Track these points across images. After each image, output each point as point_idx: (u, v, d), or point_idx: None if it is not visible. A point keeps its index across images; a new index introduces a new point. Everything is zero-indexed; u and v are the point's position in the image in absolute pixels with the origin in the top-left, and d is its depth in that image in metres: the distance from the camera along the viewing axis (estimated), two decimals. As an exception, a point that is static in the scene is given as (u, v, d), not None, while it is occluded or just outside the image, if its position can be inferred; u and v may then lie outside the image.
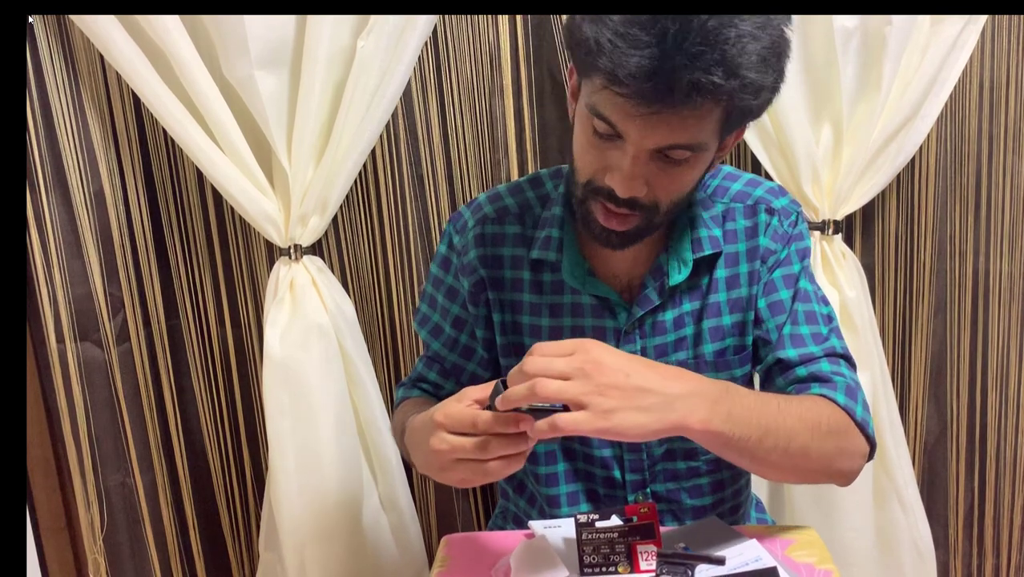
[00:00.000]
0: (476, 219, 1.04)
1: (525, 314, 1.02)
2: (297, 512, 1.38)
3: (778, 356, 0.98)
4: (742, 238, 1.00)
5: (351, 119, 1.31)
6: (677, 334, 1.00)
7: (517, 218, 1.03)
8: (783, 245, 1.00)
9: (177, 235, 1.45)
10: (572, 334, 1.00)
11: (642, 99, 0.77)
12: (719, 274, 0.99)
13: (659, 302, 0.98)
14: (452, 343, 1.08)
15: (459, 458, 0.77)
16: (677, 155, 0.83)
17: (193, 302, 1.49)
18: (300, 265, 1.38)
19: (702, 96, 0.76)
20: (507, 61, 1.42)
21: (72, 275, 1.40)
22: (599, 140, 0.85)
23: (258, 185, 1.33)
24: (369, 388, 1.43)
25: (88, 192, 1.39)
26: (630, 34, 0.75)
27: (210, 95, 1.28)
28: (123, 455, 1.48)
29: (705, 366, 1.00)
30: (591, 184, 0.88)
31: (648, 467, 1.03)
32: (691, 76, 0.74)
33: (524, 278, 1.02)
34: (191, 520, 1.55)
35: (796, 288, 1.00)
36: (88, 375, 1.43)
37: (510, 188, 1.06)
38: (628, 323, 0.99)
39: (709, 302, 1.00)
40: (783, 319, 0.99)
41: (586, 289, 0.98)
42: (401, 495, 1.47)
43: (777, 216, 1.00)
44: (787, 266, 1.01)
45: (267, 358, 1.35)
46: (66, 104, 1.36)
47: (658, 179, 0.85)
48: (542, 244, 1.00)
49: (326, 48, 1.28)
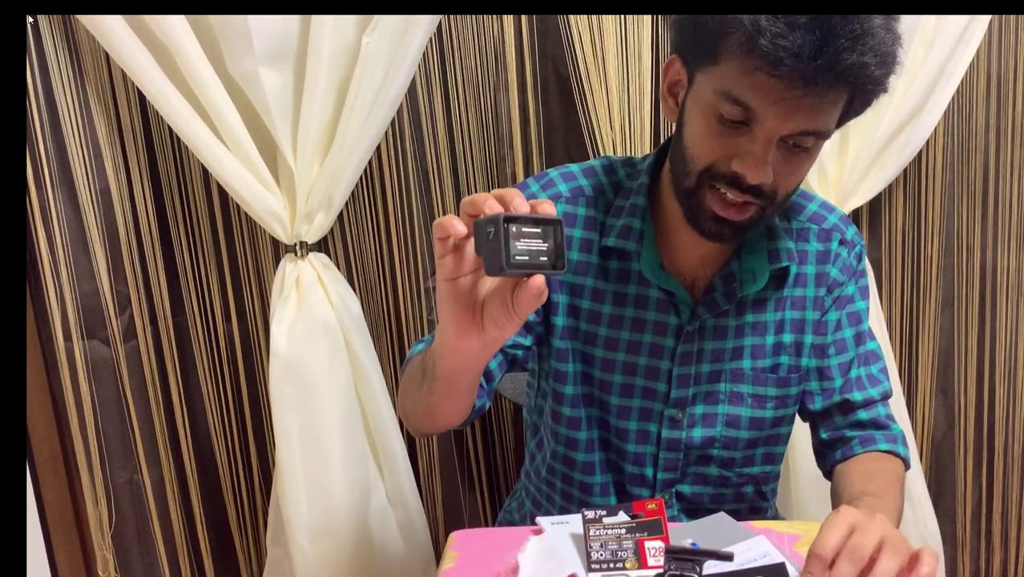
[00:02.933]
0: (549, 195, 1.01)
1: (586, 299, 1.01)
2: (304, 507, 1.38)
3: (845, 398, 1.02)
4: (812, 261, 1.01)
5: (356, 115, 1.30)
6: (736, 342, 1.00)
7: (591, 201, 1.01)
8: (849, 279, 1.02)
9: (183, 232, 1.45)
10: (632, 325, 1.00)
11: (798, 80, 0.78)
12: (787, 292, 1.00)
13: (726, 308, 0.98)
14: None
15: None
16: (804, 142, 0.85)
17: (199, 299, 1.49)
18: (306, 262, 1.38)
19: (854, 79, 0.79)
20: (511, 56, 1.42)
21: (79, 273, 1.40)
22: (724, 127, 0.85)
23: (263, 182, 1.33)
24: (375, 384, 1.43)
25: (94, 190, 1.39)
26: (788, 17, 0.77)
27: (215, 91, 1.28)
28: (131, 451, 1.48)
29: (757, 378, 1.01)
30: (711, 171, 0.87)
31: (682, 467, 1.04)
32: (851, 59, 0.77)
33: (592, 262, 1.00)
34: (198, 516, 1.55)
35: (859, 328, 1.03)
36: (95, 372, 1.43)
37: (583, 169, 1.04)
38: (692, 323, 0.98)
39: (774, 317, 1.00)
40: (847, 360, 1.02)
41: (659, 282, 0.97)
42: (407, 490, 1.47)
43: (847, 248, 1.02)
44: (851, 303, 1.03)
45: (273, 355, 1.35)
46: (72, 102, 1.36)
47: (781, 167, 0.86)
48: (620, 232, 0.98)
49: (330, 44, 1.28)
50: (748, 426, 1.02)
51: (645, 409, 1.02)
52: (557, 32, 1.39)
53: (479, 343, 0.73)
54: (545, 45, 1.42)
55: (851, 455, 1.01)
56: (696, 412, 1.02)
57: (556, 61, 1.42)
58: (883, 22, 0.80)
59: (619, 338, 1.00)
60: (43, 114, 1.35)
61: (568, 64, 1.39)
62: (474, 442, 1.57)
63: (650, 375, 1.01)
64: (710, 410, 1.02)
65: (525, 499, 1.16)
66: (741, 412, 1.02)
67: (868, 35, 0.78)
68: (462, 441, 1.57)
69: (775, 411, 1.03)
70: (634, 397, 1.02)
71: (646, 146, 1.40)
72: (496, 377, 1.01)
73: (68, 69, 1.35)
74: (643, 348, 1.00)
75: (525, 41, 1.41)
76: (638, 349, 1.00)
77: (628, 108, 1.39)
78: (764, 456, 1.06)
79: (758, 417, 1.02)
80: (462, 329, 0.72)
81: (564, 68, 1.41)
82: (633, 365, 1.01)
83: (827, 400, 1.03)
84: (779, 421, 1.04)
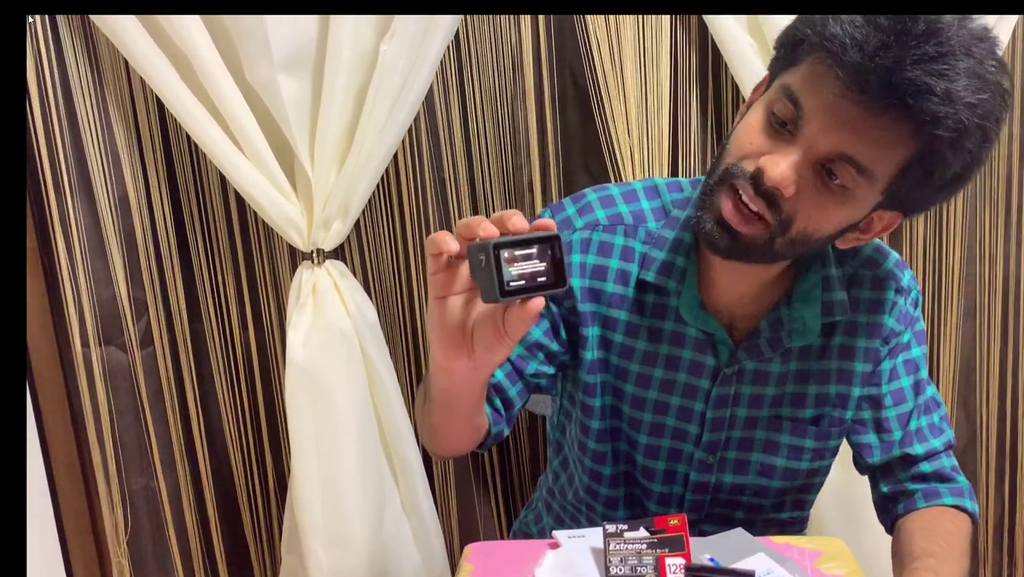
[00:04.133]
0: (585, 221, 0.96)
1: (619, 332, 0.95)
2: (319, 515, 1.37)
3: (905, 452, 0.96)
4: (864, 309, 0.95)
5: (373, 123, 1.30)
6: (778, 390, 0.96)
7: (631, 230, 0.95)
8: (906, 327, 0.97)
9: (200, 239, 1.46)
10: (667, 363, 0.95)
11: (853, 81, 0.73)
12: (836, 341, 0.95)
13: (771, 356, 0.93)
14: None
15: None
16: (841, 172, 0.78)
17: (216, 306, 1.49)
18: (323, 269, 1.37)
19: (913, 103, 0.72)
20: (529, 65, 1.41)
21: (96, 278, 1.41)
22: (770, 128, 0.80)
23: (281, 189, 1.33)
24: (391, 392, 1.42)
25: (112, 196, 1.40)
26: (871, 16, 0.74)
27: (232, 98, 1.28)
28: (147, 458, 1.48)
29: (796, 428, 0.97)
30: (735, 168, 0.81)
31: (708, 509, 1.00)
32: (912, 74, 0.72)
33: (628, 296, 0.95)
34: (214, 523, 1.55)
35: (917, 376, 0.98)
36: (112, 379, 1.44)
37: (624, 193, 0.98)
38: (730, 366, 0.94)
39: (819, 366, 0.95)
40: (906, 410, 0.97)
41: (697, 324, 0.92)
42: (422, 500, 1.46)
43: (903, 296, 0.96)
44: (907, 351, 0.97)
45: (289, 362, 1.35)
46: (91, 108, 1.37)
47: (807, 195, 0.80)
48: (661, 268, 0.92)
49: (348, 51, 1.28)
50: (782, 476, 0.99)
51: (675, 450, 0.98)
52: (575, 41, 1.39)
53: (469, 365, 0.71)
54: (563, 54, 1.41)
55: (914, 508, 0.95)
56: (728, 457, 0.98)
57: (574, 70, 1.41)
58: (973, 65, 0.73)
59: (652, 376, 0.96)
60: (63, 120, 1.35)
61: (586, 73, 1.39)
62: (489, 452, 1.56)
63: (682, 416, 0.97)
64: (743, 456, 0.98)
65: (544, 514, 1.14)
66: (776, 461, 0.98)
67: (944, 60, 0.72)
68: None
69: (811, 463, 0.99)
70: (664, 437, 0.98)
71: (664, 156, 1.39)
72: (516, 405, 0.96)
73: (88, 76, 1.36)
74: (676, 387, 0.96)
75: (543, 49, 1.41)
76: (671, 388, 0.96)
77: (646, 117, 1.38)
78: (794, 503, 1.02)
79: (793, 468, 0.98)
80: (451, 350, 0.69)
81: (582, 77, 1.40)
82: (665, 404, 0.97)
83: (887, 454, 0.97)
84: (815, 472, 1.00)
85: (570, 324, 0.96)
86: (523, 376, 0.96)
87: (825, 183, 0.79)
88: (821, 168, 0.79)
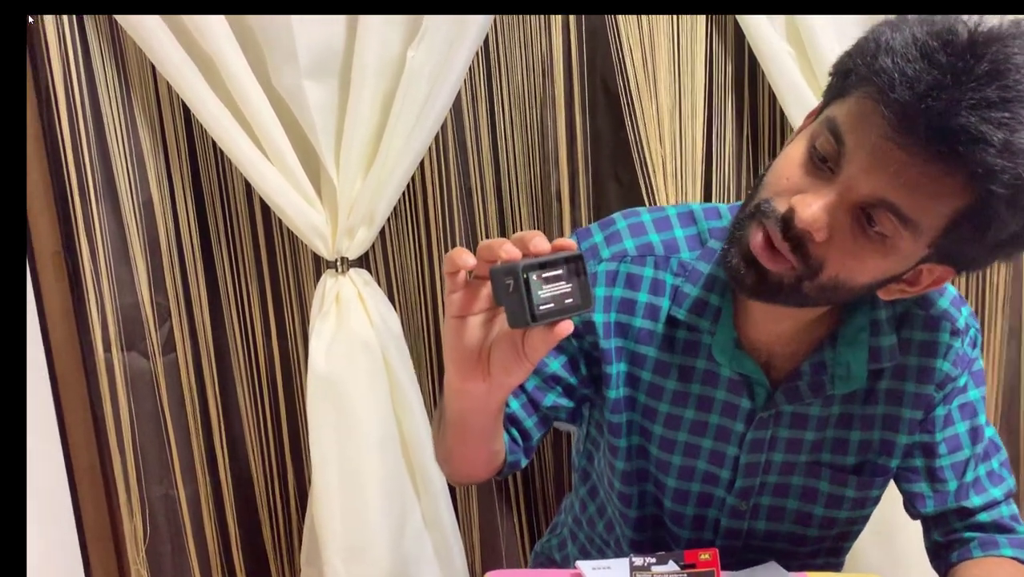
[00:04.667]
0: (612, 252, 0.89)
1: (647, 370, 0.89)
2: (339, 528, 1.36)
3: (962, 505, 0.89)
4: (915, 352, 0.87)
5: (400, 130, 1.28)
6: (818, 435, 0.89)
7: (661, 261, 0.88)
8: (962, 370, 0.88)
9: (225, 245, 1.44)
10: (699, 404, 0.89)
11: (899, 121, 0.66)
12: (882, 385, 0.87)
13: (811, 402, 0.87)
14: (539, 366, 0.90)
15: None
16: (881, 219, 0.70)
17: (240, 313, 1.47)
18: (346, 278, 1.35)
19: (965, 152, 0.64)
20: (559, 71, 1.38)
21: (120, 284, 1.40)
22: (811, 164, 0.73)
23: (306, 197, 1.31)
24: (414, 403, 1.40)
25: (137, 201, 1.39)
26: (929, 45, 0.65)
27: (259, 104, 1.26)
28: (167, 466, 1.47)
29: (836, 477, 0.90)
30: (767, 205, 0.74)
31: (739, 555, 0.94)
32: (967, 120, 0.63)
33: (657, 331, 0.88)
34: (233, 532, 1.54)
35: (974, 421, 0.89)
36: (134, 385, 1.43)
37: (656, 220, 0.90)
38: (767, 409, 0.87)
39: (864, 412, 0.88)
40: (962, 459, 0.89)
41: (732, 366, 0.85)
42: (444, 513, 1.44)
43: (960, 337, 0.87)
44: (964, 394, 0.89)
45: (311, 372, 1.33)
46: (117, 112, 1.36)
47: (841, 240, 0.72)
48: (694, 306, 0.86)
49: (375, 58, 1.26)
50: (819, 525, 0.93)
51: (705, 495, 0.93)
52: (607, 46, 1.35)
53: (484, 387, 0.68)
54: (594, 59, 1.38)
55: (968, 557, 0.88)
56: (762, 503, 0.92)
57: (605, 76, 1.38)
58: None
59: (682, 416, 0.89)
60: (88, 125, 1.35)
61: (618, 79, 1.35)
62: (513, 465, 1.53)
63: (714, 460, 0.91)
64: (778, 503, 0.92)
65: (570, 542, 1.09)
66: (814, 510, 0.92)
67: (1007, 107, 0.63)
68: (501, 463, 1.53)
69: (851, 512, 0.92)
70: (694, 481, 0.92)
71: (697, 167, 1.35)
72: (534, 436, 0.92)
73: (115, 81, 1.35)
74: (709, 430, 0.89)
75: (574, 55, 1.37)
76: (703, 430, 0.89)
77: (679, 126, 1.35)
78: (829, 550, 0.96)
79: (831, 517, 0.92)
80: (466, 372, 0.67)
81: (613, 83, 1.37)
82: (696, 447, 0.90)
83: (941, 505, 0.90)
84: (854, 521, 0.94)
85: (592, 359, 0.91)
86: (539, 408, 0.91)
87: (863, 229, 0.71)
88: (861, 212, 0.71)
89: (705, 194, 1.39)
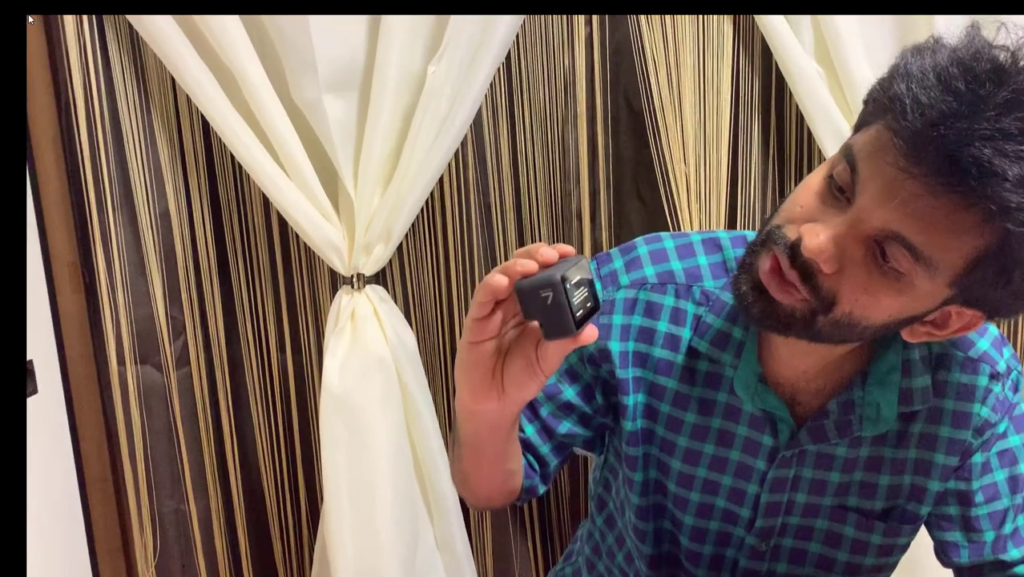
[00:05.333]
0: (632, 279, 0.86)
1: (666, 402, 0.86)
2: (350, 549, 1.33)
3: (999, 558, 0.84)
4: (952, 394, 0.82)
5: (419, 146, 1.26)
6: (844, 477, 0.85)
7: (683, 290, 0.85)
8: (1003, 416, 0.84)
9: (241, 259, 1.43)
10: (719, 439, 0.85)
11: (909, 149, 0.62)
12: (916, 428, 0.83)
13: (837, 442, 0.83)
14: (552, 392, 0.89)
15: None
16: (895, 254, 0.66)
17: (255, 328, 1.46)
18: (362, 295, 1.34)
19: (977, 186, 0.60)
20: (582, 87, 1.36)
21: (135, 296, 1.39)
22: (826, 192, 0.70)
23: (323, 211, 1.30)
24: (428, 423, 1.37)
25: (154, 213, 1.38)
26: (949, 72, 0.62)
27: (277, 118, 1.25)
28: (178, 480, 1.46)
29: (862, 522, 0.86)
30: (777, 231, 0.71)
31: None
32: (980, 152, 0.59)
33: (677, 362, 0.85)
34: (244, 549, 1.52)
35: (1014, 470, 0.85)
36: (147, 398, 1.42)
37: (679, 247, 0.87)
38: (790, 447, 0.83)
39: (894, 455, 0.84)
40: (1000, 509, 0.85)
41: (755, 403, 0.82)
42: (457, 535, 1.42)
43: (1001, 382, 0.83)
44: (1003, 440, 0.85)
45: (325, 390, 1.31)
46: (136, 124, 1.35)
47: (853, 274, 0.68)
48: (715, 339, 0.83)
49: (395, 72, 1.24)
50: (843, 571, 0.88)
51: (724, 533, 0.89)
52: (631, 63, 1.33)
53: (498, 406, 0.69)
54: (618, 75, 1.35)
55: None
56: (784, 544, 0.88)
57: (629, 93, 1.35)
58: None
59: (701, 451, 0.86)
60: (108, 136, 1.34)
61: (642, 96, 1.33)
62: (528, 488, 1.50)
63: (734, 498, 0.87)
64: (800, 546, 0.88)
65: (585, 570, 1.06)
66: (837, 555, 0.87)
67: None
68: (516, 485, 1.50)
69: (876, 559, 0.88)
70: (712, 519, 0.88)
71: (722, 187, 1.32)
72: (550, 463, 0.89)
73: (135, 92, 1.34)
74: (729, 466, 0.86)
75: (597, 71, 1.35)
76: (723, 467, 0.86)
77: (704, 146, 1.32)
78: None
79: (856, 563, 0.88)
80: (481, 393, 0.68)
81: (637, 100, 1.34)
82: (715, 484, 0.86)
83: (976, 557, 0.85)
84: (879, 568, 0.89)
85: (609, 387, 0.88)
86: (554, 435, 0.89)
87: (878, 264, 0.67)
88: (875, 245, 0.67)
89: (729, 215, 1.36)
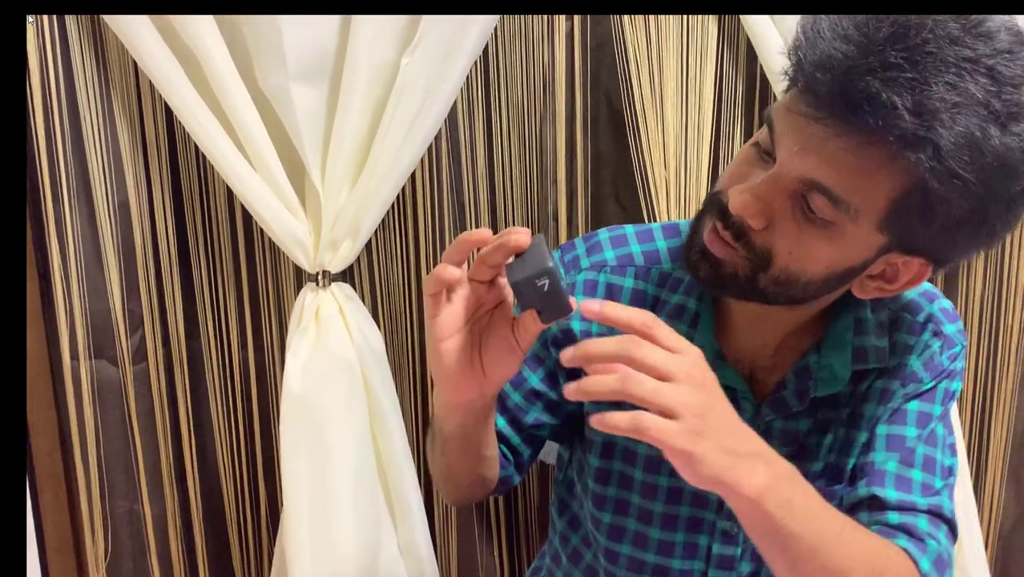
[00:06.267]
0: (592, 261, 0.89)
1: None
2: (308, 558, 1.29)
3: (874, 492, 0.81)
4: (900, 352, 0.84)
5: (391, 140, 1.22)
6: (807, 443, 0.86)
7: (642, 272, 0.87)
8: (932, 377, 0.84)
9: (203, 252, 1.38)
10: None
11: (812, 97, 0.66)
12: (862, 387, 0.85)
13: (797, 410, 0.84)
14: (518, 380, 0.91)
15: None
16: (817, 203, 0.68)
17: (216, 324, 1.41)
18: (328, 293, 1.29)
19: (875, 118, 0.61)
20: (562, 85, 1.32)
21: (91, 289, 1.33)
22: (754, 156, 0.73)
23: (288, 205, 1.25)
24: (393, 426, 1.33)
25: (113, 203, 1.32)
26: (840, 26, 0.65)
27: (242, 106, 1.20)
28: (133, 481, 1.40)
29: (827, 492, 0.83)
30: (716, 196, 0.75)
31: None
32: (873, 86, 0.61)
33: None
34: (201, 554, 1.47)
35: (926, 430, 0.84)
36: (101, 395, 1.36)
37: (639, 232, 0.90)
38: (755, 424, 0.82)
39: (837, 415, 0.85)
40: (896, 456, 0.83)
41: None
42: (421, 542, 1.37)
43: (940, 341, 0.84)
44: (927, 403, 0.84)
45: (286, 391, 1.27)
46: (96, 111, 1.29)
47: (784, 228, 0.71)
48: (672, 312, 0.84)
49: (367, 63, 1.20)
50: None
51: (695, 519, 0.88)
52: (612, 61, 1.29)
53: (479, 393, 0.72)
54: (599, 74, 1.32)
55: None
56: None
57: (610, 93, 1.32)
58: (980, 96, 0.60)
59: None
60: (65, 122, 1.28)
61: (622, 96, 1.29)
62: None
63: (697, 499, 0.87)
64: None
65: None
66: None
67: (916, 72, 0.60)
68: (483, 492, 1.46)
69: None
70: (682, 504, 0.88)
71: (702, 191, 1.29)
72: (523, 454, 0.90)
73: (94, 76, 1.28)
74: None
75: (577, 71, 1.31)
76: None
77: (685, 147, 1.29)
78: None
79: None
80: (463, 386, 0.71)
81: (618, 100, 1.31)
82: (678, 490, 0.87)
83: (856, 497, 0.83)
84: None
85: (572, 371, 0.86)
86: (523, 426, 0.90)
87: (806, 216, 0.70)
88: (801, 198, 0.70)
89: (709, 220, 1.33)
